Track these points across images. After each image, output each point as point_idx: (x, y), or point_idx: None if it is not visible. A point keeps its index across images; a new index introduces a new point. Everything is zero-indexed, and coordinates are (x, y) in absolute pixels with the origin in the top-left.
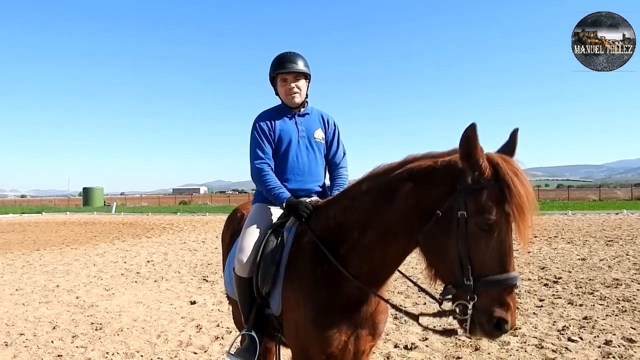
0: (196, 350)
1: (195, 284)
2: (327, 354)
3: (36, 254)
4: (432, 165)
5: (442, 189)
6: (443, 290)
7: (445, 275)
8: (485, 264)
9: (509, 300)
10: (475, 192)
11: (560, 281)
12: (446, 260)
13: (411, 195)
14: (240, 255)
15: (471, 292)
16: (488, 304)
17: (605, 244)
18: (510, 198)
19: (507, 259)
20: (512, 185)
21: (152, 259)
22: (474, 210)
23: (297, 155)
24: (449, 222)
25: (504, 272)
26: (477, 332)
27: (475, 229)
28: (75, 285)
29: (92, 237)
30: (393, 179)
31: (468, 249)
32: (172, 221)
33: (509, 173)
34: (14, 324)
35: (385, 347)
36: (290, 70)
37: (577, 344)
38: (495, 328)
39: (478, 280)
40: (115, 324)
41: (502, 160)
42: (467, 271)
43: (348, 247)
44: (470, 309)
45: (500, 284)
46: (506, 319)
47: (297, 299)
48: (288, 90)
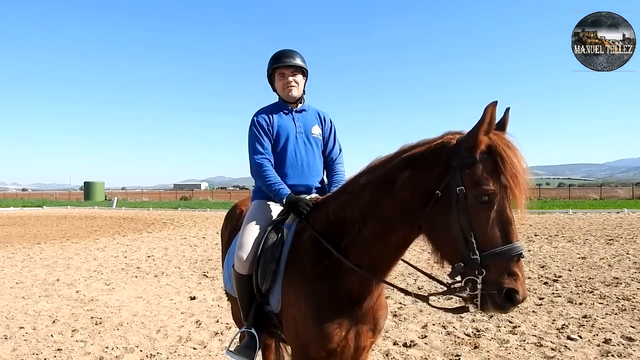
0: (195, 345)
1: (195, 280)
2: (328, 350)
3: (37, 247)
4: (427, 149)
5: (439, 170)
6: (452, 270)
7: (452, 254)
8: (489, 236)
9: (516, 270)
10: (471, 166)
11: (560, 280)
12: (450, 238)
13: (410, 182)
14: (239, 252)
15: (479, 266)
16: (496, 276)
17: (606, 243)
18: (505, 168)
19: (510, 229)
20: (506, 156)
21: (153, 254)
22: (470, 184)
23: (295, 151)
24: (449, 200)
25: (508, 242)
26: (488, 306)
27: (474, 202)
28: (76, 279)
29: (93, 232)
30: (390, 170)
31: (470, 223)
32: (173, 216)
33: (501, 145)
34: (14, 317)
35: (384, 344)
36: (288, 64)
37: (576, 342)
38: (506, 300)
39: (483, 254)
40: (115, 319)
41: (494, 135)
42: (471, 245)
43: (349, 241)
44: (479, 284)
45: (505, 254)
46: (516, 288)
47: (297, 296)
48: (285, 84)
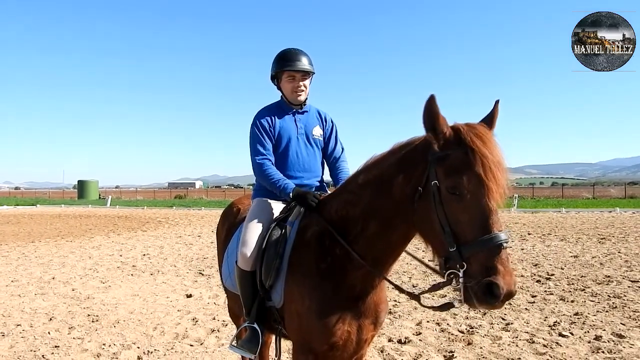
0: (192, 342)
1: (191, 278)
2: (331, 344)
3: (31, 246)
4: (414, 148)
5: (421, 167)
6: (439, 264)
7: (438, 248)
8: (466, 227)
9: (496, 261)
10: (442, 159)
11: (552, 278)
12: (434, 233)
13: (403, 181)
14: (243, 248)
15: (459, 259)
16: (477, 268)
17: (598, 242)
18: (475, 159)
19: (488, 219)
20: (474, 147)
21: (148, 252)
22: (442, 176)
23: (297, 152)
24: (428, 195)
25: (486, 233)
26: (471, 300)
27: (447, 195)
28: (71, 277)
29: (88, 230)
30: (385, 170)
31: (446, 215)
32: (168, 215)
33: (470, 135)
34: (10, 314)
35: (379, 341)
36: (299, 68)
37: (567, 339)
38: (487, 293)
39: (462, 246)
40: (111, 316)
41: (464, 126)
42: (449, 238)
43: (352, 239)
44: (461, 277)
45: (484, 244)
46: (496, 282)
47: (300, 291)
48: (295, 88)
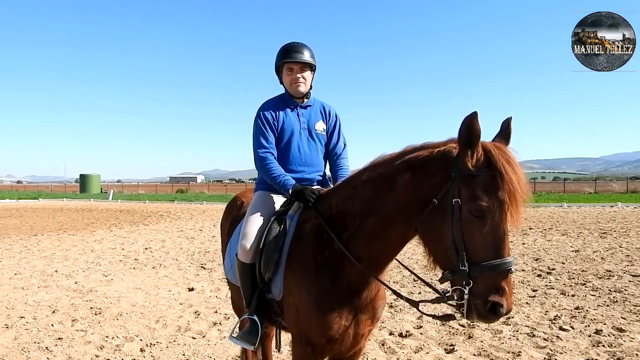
0: (194, 335)
1: (193, 272)
2: (328, 337)
3: (34, 239)
4: (429, 154)
5: (438, 178)
6: (441, 276)
7: (443, 261)
8: (480, 249)
9: (504, 284)
10: (469, 179)
11: (553, 272)
12: (443, 247)
13: (409, 185)
14: (243, 241)
15: (467, 277)
16: (483, 288)
17: (599, 236)
18: (502, 185)
19: (502, 244)
20: (504, 172)
21: (150, 246)
22: (467, 197)
23: (299, 147)
24: (444, 210)
25: (498, 257)
26: (473, 316)
27: (468, 216)
28: (74, 270)
29: (90, 224)
30: (392, 170)
31: (462, 235)
32: (170, 209)
33: (501, 160)
34: (14, 307)
35: (380, 334)
36: (297, 60)
37: (568, 333)
38: (490, 312)
39: (473, 266)
40: (114, 309)
41: (494, 148)
42: (462, 257)
43: (349, 234)
44: (466, 294)
45: (494, 268)
46: (501, 303)
47: (298, 284)
48: (294, 80)
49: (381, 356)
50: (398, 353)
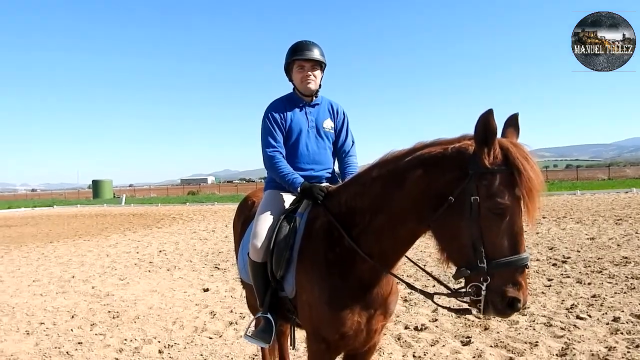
0: (211, 335)
1: (207, 272)
2: (341, 334)
3: (50, 246)
4: (442, 151)
5: (453, 174)
6: (456, 273)
7: (458, 258)
8: (498, 246)
9: (520, 280)
10: (487, 176)
11: (568, 261)
12: (459, 243)
13: (421, 181)
14: (254, 240)
15: (485, 274)
16: (501, 284)
17: (615, 223)
18: (521, 182)
19: (519, 240)
20: (523, 169)
21: (164, 248)
22: (485, 195)
23: (307, 145)
24: (462, 207)
25: (515, 253)
26: (490, 311)
27: (487, 213)
28: (91, 275)
29: (104, 229)
30: (403, 166)
31: (481, 232)
32: (182, 211)
33: (519, 157)
34: (34, 313)
35: (395, 328)
36: (308, 57)
37: (585, 321)
38: (508, 307)
39: (491, 262)
40: (131, 312)
41: (512, 145)
42: (480, 254)
43: (359, 230)
44: (484, 290)
45: (512, 265)
46: (519, 297)
47: (310, 282)
48: (304, 77)
49: (397, 350)
50: (414, 347)
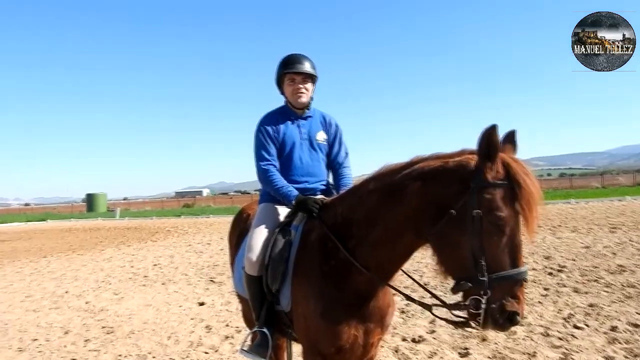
0: (207, 350)
1: (202, 286)
2: (338, 347)
3: (44, 261)
4: (443, 165)
5: (454, 188)
6: (455, 285)
7: (458, 271)
8: (498, 260)
9: (519, 293)
10: (489, 190)
11: (564, 270)
12: (459, 257)
13: (420, 194)
14: (249, 254)
15: (485, 287)
16: (501, 298)
17: (609, 231)
18: (522, 196)
19: (518, 254)
20: (524, 184)
21: (159, 262)
22: (488, 208)
23: (300, 157)
24: (463, 220)
25: (515, 267)
26: (489, 325)
27: (489, 227)
28: (84, 290)
29: (98, 243)
30: (401, 178)
31: (482, 245)
32: (177, 224)
33: (520, 173)
34: (27, 330)
35: (393, 340)
36: (299, 70)
37: (583, 331)
38: (507, 321)
39: (491, 276)
40: (126, 327)
41: (512, 161)
42: (481, 267)
43: (355, 243)
44: (483, 304)
45: (512, 278)
46: (518, 311)
47: (306, 295)
48: (295, 90)
49: None
50: (412, 359)
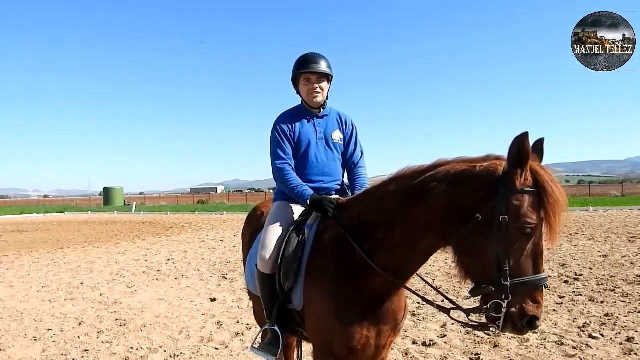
0: (217, 345)
1: (214, 282)
2: (349, 348)
3: (60, 252)
4: (470, 169)
5: (481, 193)
6: (475, 289)
7: (481, 275)
8: (522, 265)
9: (539, 298)
10: (518, 197)
11: (580, 278)
12: (483, 261)
13: (445, 197)
14: (262, 252)
15: (507, 292)
16: (521, 302)
17: (628, 241)
18: (549, 204)
19: (540, 260)
20: (552, 192)
21: (172, 257)
22: (515, 215)
23: (316, 156)
24: (489, 226)
25: (537, 273)
26: (508, 329)
27: (515, 233)
28: (99, 282)
29: (114, 236)
30: (425, 181)
31: (507, 251)
32: (191, 220)
33: (547, 181)
34: (42, 319)
35: (403, 343)
36: (315, 70)
37: (598, 340)
38: (527, 325)
39: (513, 281)
40: (138, 320)
41: (540, 169)
42: (504, 272)
43: (372, 244)
44: (504, 308)
45: (533, 284)
46: (538, 316)
47: (319, 295)
48: (311, 90)
49: None
50: None
